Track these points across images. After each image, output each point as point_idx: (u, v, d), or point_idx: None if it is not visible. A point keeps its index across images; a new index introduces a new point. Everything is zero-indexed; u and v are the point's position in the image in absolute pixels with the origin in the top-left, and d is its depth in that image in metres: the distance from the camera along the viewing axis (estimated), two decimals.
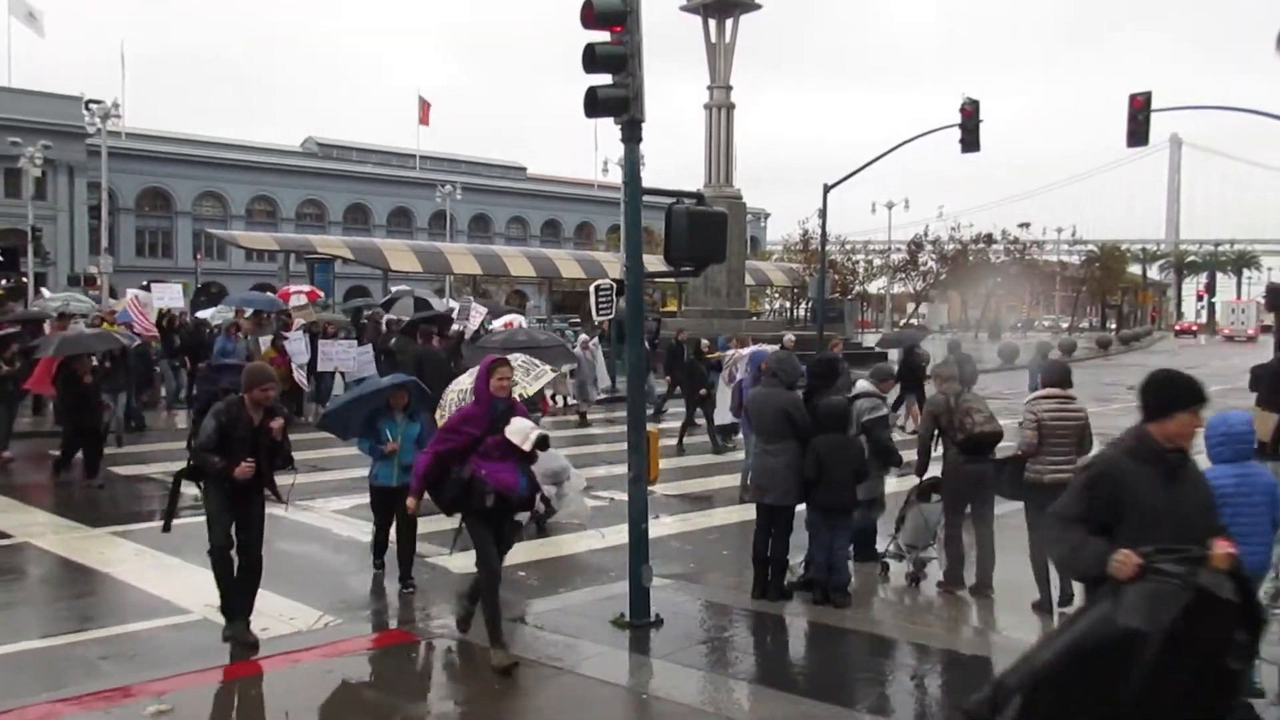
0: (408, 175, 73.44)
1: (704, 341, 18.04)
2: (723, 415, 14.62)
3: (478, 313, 21.46)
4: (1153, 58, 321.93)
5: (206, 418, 6.61)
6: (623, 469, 7.62)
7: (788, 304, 55.06)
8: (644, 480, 7.34)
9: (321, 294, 28.95)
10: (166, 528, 6.89)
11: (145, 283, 28.22)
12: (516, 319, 20.73)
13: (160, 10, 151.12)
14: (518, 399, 7.08)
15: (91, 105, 38.94)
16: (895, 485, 9.68)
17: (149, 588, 8.16)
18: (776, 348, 12.61)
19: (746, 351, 13.60)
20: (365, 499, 11.54)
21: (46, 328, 18.15)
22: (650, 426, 7.86)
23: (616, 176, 28.53)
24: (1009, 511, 8.03)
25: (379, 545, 8.47)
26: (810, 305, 39.18)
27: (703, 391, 16.73)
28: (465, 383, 7.75)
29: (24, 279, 38.66)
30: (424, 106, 70.13)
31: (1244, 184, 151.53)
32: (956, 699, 6.05)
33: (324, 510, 11.02)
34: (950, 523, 8.05)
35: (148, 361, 18.24)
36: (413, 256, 38.14)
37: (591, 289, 20.41)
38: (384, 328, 21.92)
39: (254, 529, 6.81)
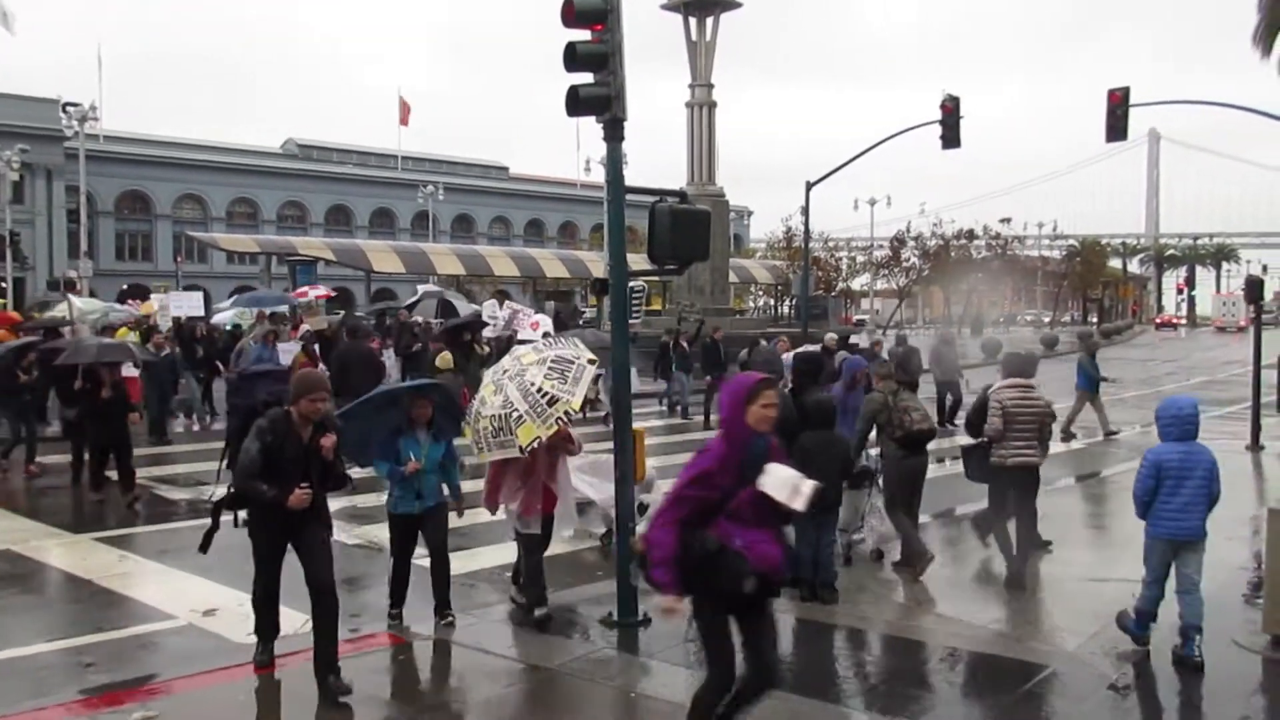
0: (389, 176, 73.26)
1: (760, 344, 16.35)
2: None
3: (526, 315, 20.58)
4: (1130, 55, 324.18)
5: (249, 437, 5.65)
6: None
7: (772, 301, 55.13)
8: (630, 480, 7.35)
9: (334, 294, 28.49)
10: (204, 548, 6.02)
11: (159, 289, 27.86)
12: (542, 320, 20.27)
13: (138, 12, 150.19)
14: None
15: (69, 108, 38.67)
16: None
17: (134, 594, 8.11)
18: (857, 356, 11.66)
19: (788, 357, 13.07)
20: (348, 501, 11.64)
21: (66, 333, 17.66)
22: (637, 425, 7.86)
23: (599, 175, 28.51)
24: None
25: (399, 584, 7.30)
26: (794, 302, 39.25)
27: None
28: (511, 393, 6.75)
29: (1, 284, 38.31)
30: (404, 108, 70.02)
31: (1222, 178, 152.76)
32: (946, 693, 6.08)
33: None
34: (890, 511, 8.63)
35: (175, 373, 17.21)
36: (395, 258, 38.01)
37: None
38: (413, 330, 21.04)
39: (320, 563, 5.89)
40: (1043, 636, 7.06)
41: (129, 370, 13.94)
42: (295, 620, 7.37)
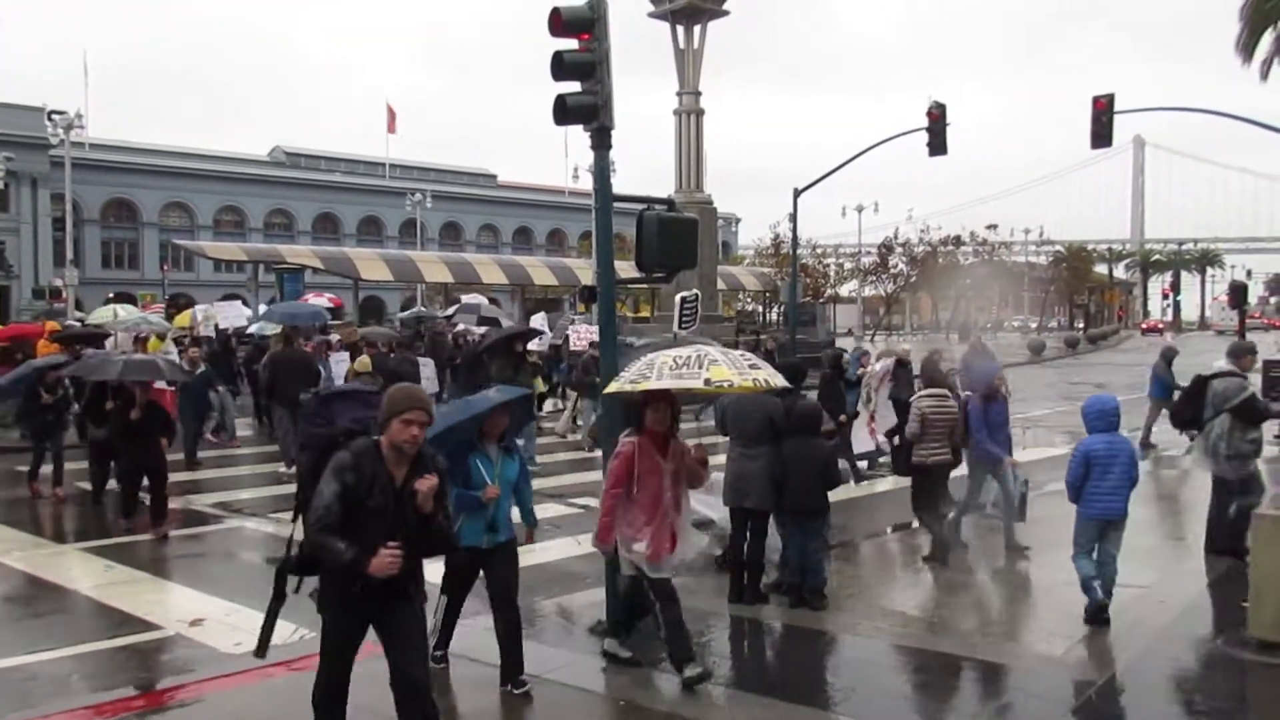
0: (377, 184, 73.15)
1: (845, 355, 14.96)
2: (862, 442, 12.59)
3: (587, 331, 19.60)
4: (1115, 62, 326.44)
5: (324, 477, 4.37)
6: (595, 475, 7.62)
7: (760, 308, 55.23)
8: None
9: (343, 303, 28.08)
10: (260, 652, 4.85)
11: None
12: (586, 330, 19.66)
13: (123, 20, 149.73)
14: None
15: (54, 116, 38.48)
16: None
17: (120, 604, 8.06)
18: (993, 364, 11.16)
19: (880, 367, 12.89)
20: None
21: (107, 344, 16.99)
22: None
23: (587, 183, 28.52)
24: None
25: (449, 627, 6.48)
26: (783, 309, 39.32)
27: (842, 418, 12.68)
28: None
29: None
30: (390, 114, 69.99)
31: (1206, 184, 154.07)
32: (931, 698, 6.10)
33: (298, 524, 10.90)
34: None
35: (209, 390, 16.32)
36: (384, 265, 37.91)
37: (676, 300, 19.45)
38: (456, 341, 20.67)
39: (411, 655, 4.64)
40: (1029, 641, 7.08)
41: (161, 383, 12.72)
42: (284, 630, 7.36)
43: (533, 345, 18.04)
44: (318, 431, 4.76)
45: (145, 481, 10.74)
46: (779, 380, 6.13)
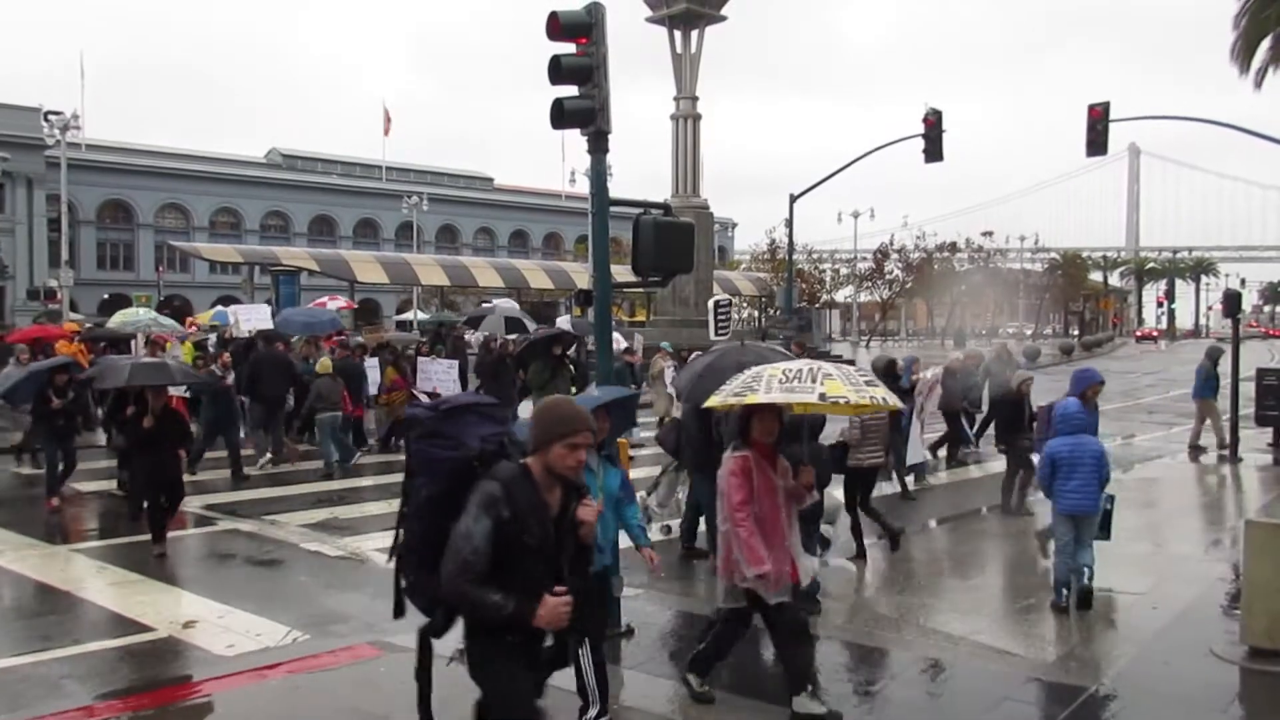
0: (373, 186, 73.16)
1: (898, 361, 14.38)
2: (916, 453, 12.37)
3: (624, 339, 19.53)
4: (1110, 70, 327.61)
5: (468, 514, 3.53)
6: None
7: (756, 313, 55.29)
8: None
9: (355, 306, 27.71)
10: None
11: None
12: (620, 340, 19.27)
13: (120, 21, 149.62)
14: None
15: (50, 116, 38.47)
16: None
17: (112, 606, 8.05)
18: (1089, 369, 10.56)
19: (930, 375, 12.70)
20: (329, 513, 11.59)
21: (133, 347, 16.79)
22: (621, 438, 7.86)
23: (584, 187, 28.46)
24: None
25: (592, 686, 5.45)
26: (777, 314, 39.33)
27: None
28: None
29: None
30: (386, 118, 70.05)
31: (1201, 192, 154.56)
32: (924, 704, 6.10)
33: (290, 525, 10.91)
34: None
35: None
36: (379, 268, 37.90)
37: (710, 305, 19.00)
38: (486, 346, 20.29)
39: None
40: (1023, 647, 7.08)
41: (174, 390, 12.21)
42: (263, 629, 7.36)
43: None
44: (446, 455, 3.74)
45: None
46: (895, 400, 5.79)
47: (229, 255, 40.80)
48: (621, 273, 9.50)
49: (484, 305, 28.83)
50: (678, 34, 31.86)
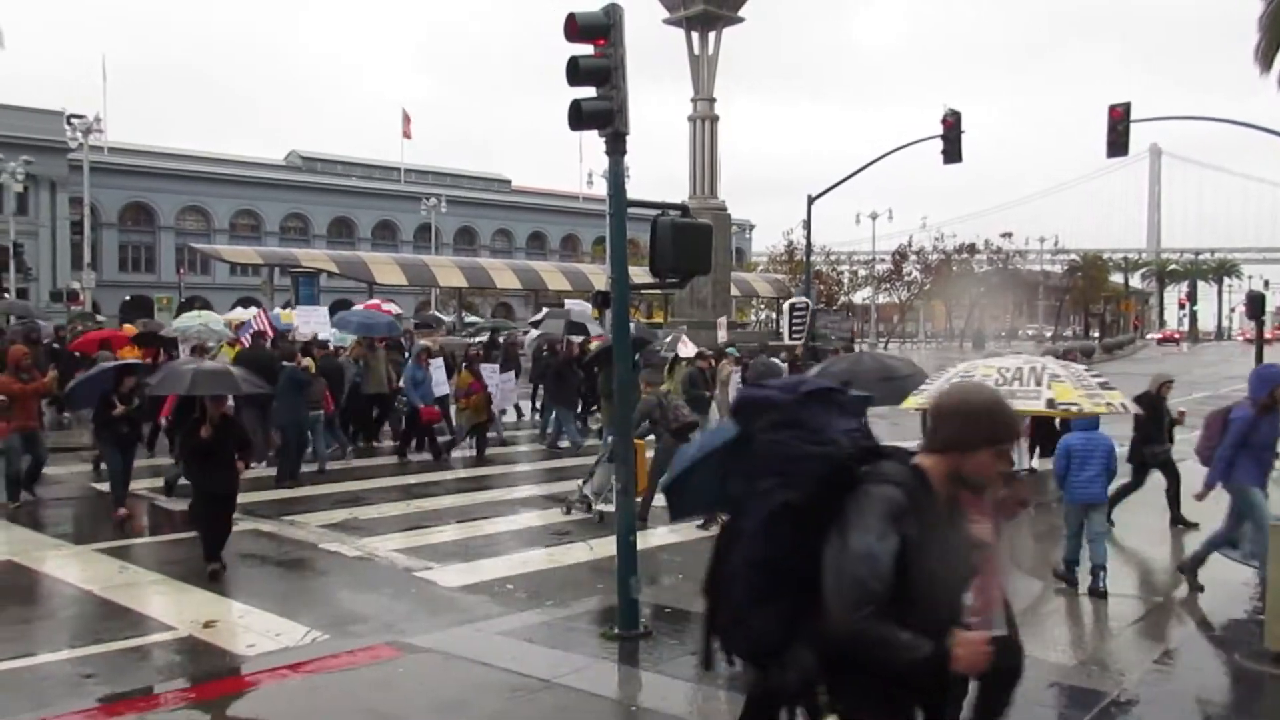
0: (392, 188, 73.45)
1: None
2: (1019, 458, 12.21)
3: (687, 345, 18.68)
4: (1129, 73, 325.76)
5: (865, 527, 2.78)
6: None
7: (774, 315, 55.17)
8: (632, 492, 7.35)
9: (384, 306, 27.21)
10: None
11: (286, 303, 24.69)
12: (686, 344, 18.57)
13: (142, 25, 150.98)
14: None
15: (73, 120, 38.89)
16: None
17: (134, 605, 8.10)
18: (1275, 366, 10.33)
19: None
20: (348, 514, 11.63)
21: (183, 350, 16.27)
22: (639, 439, 7.87)
23: (602, 188, 28.38)
24: None
25: None
26: (830, 310, 39.20)
27: None
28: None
29: (5, 295, 38.38)
30: (406, 119, 70.32)
31: (1224, 193, 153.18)
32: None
33: (309, 526, 10.95)
34: (654, 477, 10.69)
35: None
36: (398, 270, 38.08)
37: (785, 306, 18.43)
38: (552, 349, 19.70)
39: None
40: (1042, 650, 7.01)
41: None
42: (282, 628, 7.40)
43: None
44: (816, 451, 2.96)
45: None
46: (1132, 404, 4.92)
47: (249, 257, 41.10)
48: (639, 274, 9.50)
49: (553, 308, 27.95)
50: (695, 35, 31.86)
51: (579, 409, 18.28)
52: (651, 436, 11.28)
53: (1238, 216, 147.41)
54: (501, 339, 23.50)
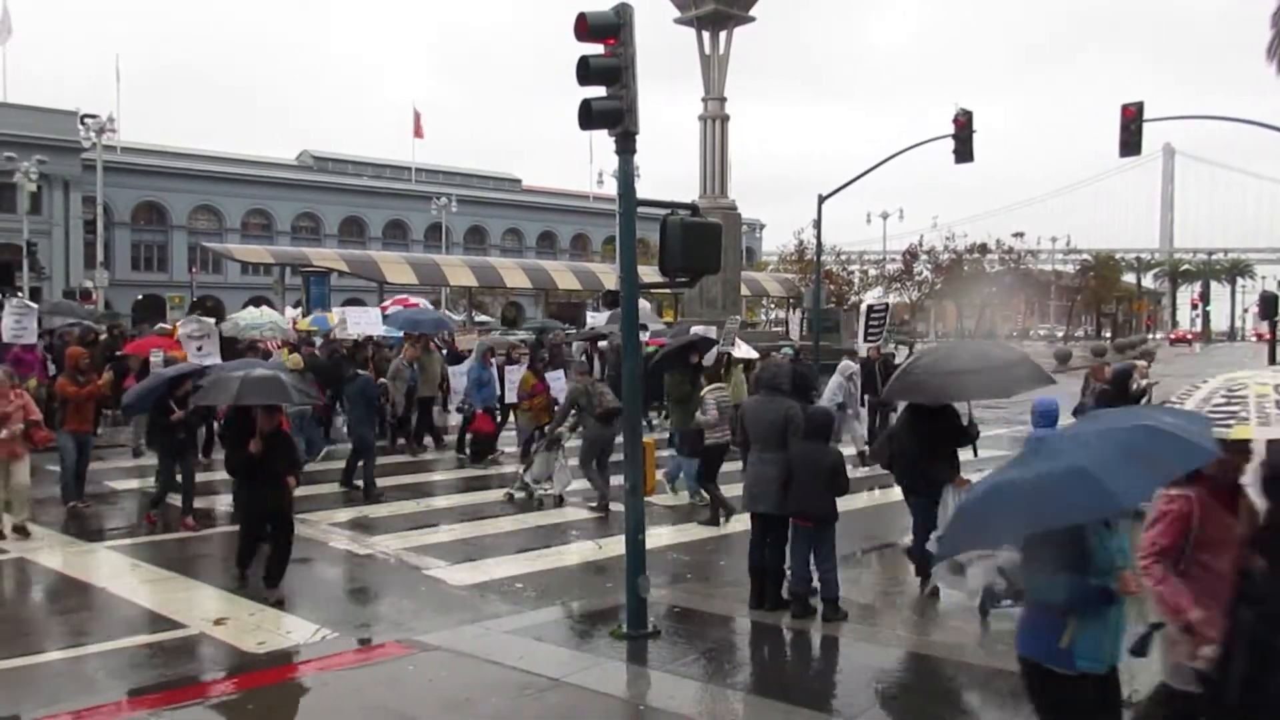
0: (403, 188, 73.56)
1: (1131, 371, 13.04)
2: None
3: (741, 345, 18.58)
4: (1142, 73, 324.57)
5: None
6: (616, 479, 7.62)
7: (784, 314, 55.09)
8: (640, 491, 7.35)
9: (420, 304, 26.68)
10: None
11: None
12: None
13: (155, 25, 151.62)
14: None
15: (86, 119, 39.05)
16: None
17: (145, 602, 8.14)
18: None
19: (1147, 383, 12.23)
20: (358, 511, 11.66)
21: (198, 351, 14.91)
22: (647, 437, 7.87)
23: (612, 188, 28.19)
24: None
25: None
26: (806, 316, 39.19)
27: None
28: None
29: (19, 294, 38.58)
30: (417, 118, 70.43)
31: (1237, 193, 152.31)
32: (948, 709, 6.05)
33: (320, 524, 10.98)
34: (586, 465, 11.91)
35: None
36: (408, 269, 38.12)
37: (862, 309, 17.55)
38: (618, 352, 19.52)
39: None
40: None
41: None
42: (293, 626, 7.43)
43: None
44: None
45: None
46: None
47: (260, 256, 41.21)
48: (649, 273, 9.52)
49: (615, 310, 26.95)
50: (706, 35, 31.81)
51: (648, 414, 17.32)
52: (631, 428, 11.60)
53: (1251, 217, 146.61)
54: (550, 339, 22.94)
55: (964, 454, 8.45)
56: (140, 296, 59.05)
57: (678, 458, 12.54)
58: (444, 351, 18.53)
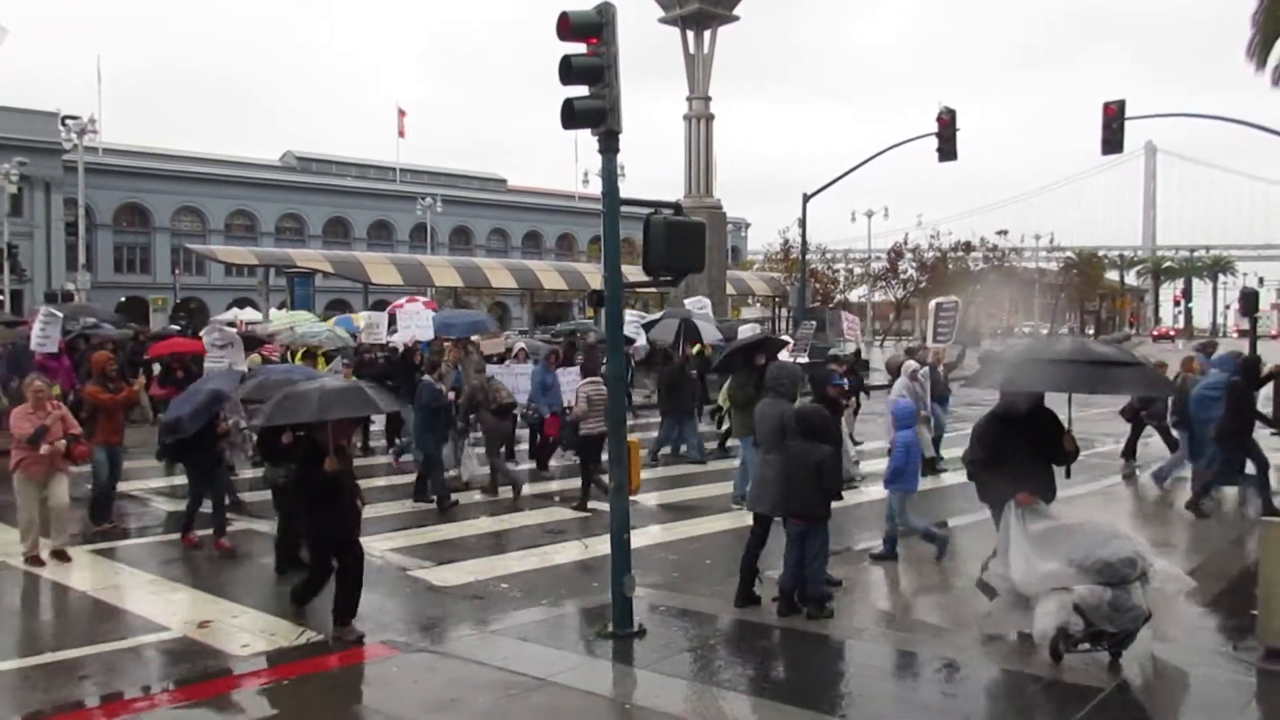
0: (388, 188, 73.33)
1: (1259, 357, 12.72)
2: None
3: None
4: (1125, 73, 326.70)
5: None
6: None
7: (769, 313, 55.18)
8: (625, 491, 7.34)
9: (438, 305, 25.89)
10: None
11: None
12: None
13: (137, 26, 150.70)
14: None
15: (68, 121, 38.85)
16: None
17: (129, 606, 8.10)
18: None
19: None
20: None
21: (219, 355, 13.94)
22: (632, 437, 7.86)
23: (597, 188, 28.14)
24: None
25: None
26: (792, 314, 39.27)
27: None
28: None
29: (0, 296, 38.31)
30: (401, 118, 70.24)
31: (1218, 191, 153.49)
32: (935, 705, 6.07)
33: None
34: (492, 456, 12.78)
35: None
36: (394, 269, 38.04)
37: (931, 306, 16.92)
38: (665, 356, 18.62)
39: None
40: (1036, 647, 7.02)
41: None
42: (277, 628, 7.39)
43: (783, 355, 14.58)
44: None
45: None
46: None
47: (244, 258, 41.02)
48: (634, 273, 9.51)
49: (672, 308, 24.74)
50: (690, 34, 31.89)
51: (696, 416, 16.54)
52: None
53: (1232, 214, 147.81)
54: (582, 340, 22.35)
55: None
56: (123, 299, 58.62)
57: (742, 471, 11.85)
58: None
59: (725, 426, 16.36)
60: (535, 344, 19.51)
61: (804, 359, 17.38)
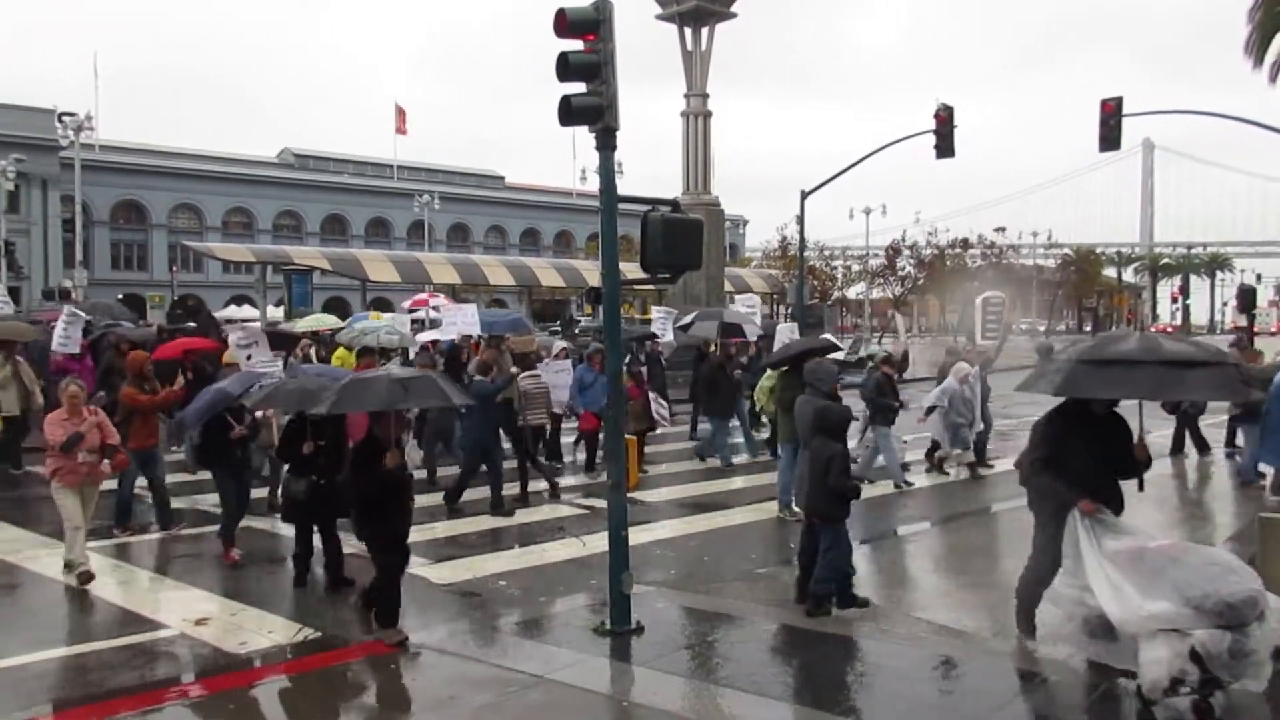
0: (385, 185, 73.31)
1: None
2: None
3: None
4: (1122, 71, 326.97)
5: None
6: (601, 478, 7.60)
7: (768, 310, 55.21)
8: (623, 487, 7.34)
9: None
10: None
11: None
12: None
13: (134, 23, 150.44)
14: None
15: (65, 118, 38.73)
16: None
17: (127, 603, 8.09)
18: None
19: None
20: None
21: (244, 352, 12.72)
22: (629, 435, 7.86)
23: (595, 185, 28.08)
24: None
25: None
26: (790, 311, 39.29)
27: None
28: None
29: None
30: (400, 114, 70.19)
31: (1216, 188, 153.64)
32: (941, 700, 6.07)
33: None
34: (430, 446, 13.43)
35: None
36: (391, 267, 37.95)
37: (978, 303, 16.64)
38: (702, 355, 18.15)
39: None
40: (1039, 643, 7.03)
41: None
42: (275, 626, 7.39)
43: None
44: None
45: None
46: None
47: (241, 255, 40.89)
48: (632, 270, 9.50)
49: (708, 308, 23.95)
50: (688, 31, 31.84)
51: (733, 419, 15.95)
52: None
53: (1230, 211, 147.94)
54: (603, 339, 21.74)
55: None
56: (120, 296, 58.51)
57: (783, 471, 11.43)
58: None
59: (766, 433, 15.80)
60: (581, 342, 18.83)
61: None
